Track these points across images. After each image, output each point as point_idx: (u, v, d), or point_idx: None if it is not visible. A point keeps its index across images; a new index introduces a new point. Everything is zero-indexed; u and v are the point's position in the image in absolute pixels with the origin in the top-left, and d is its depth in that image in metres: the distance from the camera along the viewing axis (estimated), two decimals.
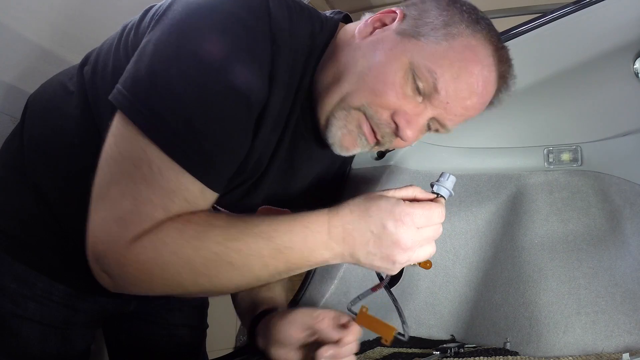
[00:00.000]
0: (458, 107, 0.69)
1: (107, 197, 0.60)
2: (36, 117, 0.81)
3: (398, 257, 0.61)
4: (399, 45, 0.68)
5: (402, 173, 1.08)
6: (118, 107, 0.61)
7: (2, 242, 0.80)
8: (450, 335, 1.16)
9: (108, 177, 0.61)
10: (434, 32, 0.68)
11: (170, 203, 0.60)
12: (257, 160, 0.71)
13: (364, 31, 0.72)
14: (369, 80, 0.68)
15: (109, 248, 0.59)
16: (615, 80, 1.06)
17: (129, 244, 0.58)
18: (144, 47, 0.63)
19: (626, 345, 0.97)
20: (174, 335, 1.06)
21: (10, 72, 1.03)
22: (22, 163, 0.79)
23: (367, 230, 0.61)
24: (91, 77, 0.76)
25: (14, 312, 0.80)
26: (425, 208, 0.62)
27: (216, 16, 0.62)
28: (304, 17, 0.71)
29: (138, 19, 0.73)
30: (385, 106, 0.68)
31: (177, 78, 0.59)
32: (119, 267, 0.60)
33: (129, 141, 0.60)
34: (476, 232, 1.18)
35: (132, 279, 0.60)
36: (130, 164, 0.60)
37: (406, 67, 0.67)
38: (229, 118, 0.62)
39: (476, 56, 0.68)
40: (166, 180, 0.60)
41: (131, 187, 0.59)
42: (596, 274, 1.06)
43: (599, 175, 1.12)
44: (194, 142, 0.60)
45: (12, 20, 1.00)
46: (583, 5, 0.96)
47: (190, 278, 0.60)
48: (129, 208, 0.59)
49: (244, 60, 0.61)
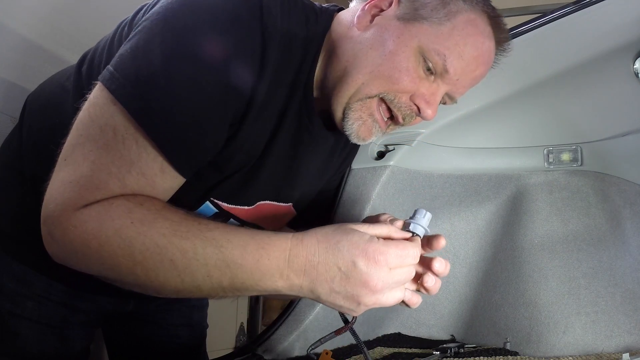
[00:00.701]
0: (467, 80, 0.73)
1: (69, 159, 0.60)
2: (34, 116, 0.81)
3: (364, 299, 0.57)
4: (405, 31, 0.70)
5: (402, 173, 1.08)
6: (100, 80, 0.62)
7: (0, 241, 0.80)
8: (450, 335, 1.16)
9: (74, 139, 0.61)
10: (435, 13, 0.69)
11: (126, 174, 0.58)
12: (248, 151, 0.70)
13: (363, 20, 0.72)
14: (383, 70, 0.69)
15: (58, 210, 0.57)
16: (615, 80, 1.06)
17: (76, 210, 0.56)
18: (134, 30, 0.64)
19: (626, 345, 0.97)
20: (174, 335, 1.05)
21: (10, 71, 1.03)
22: (21, 162, 0.79)
23: (334, 265, 0.56)
24: (87, 75, 0.76)
25: (12, 312, 0.79)
26: (399, 248, 0.58)
27: (207, 4, 0.62)
28: (298, 9, 0.71)
29: (131, 16, 0.74)
30: (403, 91, 0.70)
31: (157, 56, 0.60)
32: (62, 232, 0.57)
33: (101, 107, 0.60)
34: (476, 232, 1.18)
35: (71, 248, 0.57)
36: (97, 129, 0.60)
37: (416, 51, 0.69)
38: (203, 101, 0.61)
39: (477, 29, 0.71)
40: (127, 150, 0.59)
41: (93, 151, 0.59)
42: (596, 274, 1.06)
43: (599, 175, 1.12)
44: (162, 116, 0.59)
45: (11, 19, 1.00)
46: (583, 5, 0.95)
47: (126, 263, 0.56)
48: (86, 173, 0.58)
49: (228, 51, 0.61)
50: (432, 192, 1.10)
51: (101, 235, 0.56)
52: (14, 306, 0.79)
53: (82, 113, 0.62)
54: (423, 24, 0.70)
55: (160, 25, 0.62)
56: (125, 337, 1.04)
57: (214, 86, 0.61)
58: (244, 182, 0.75)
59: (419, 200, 1.09)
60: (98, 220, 0.56)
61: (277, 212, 0.84)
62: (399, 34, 0.70)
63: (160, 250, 0.56)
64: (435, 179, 1.09)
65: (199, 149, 0.63)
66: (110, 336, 1.06)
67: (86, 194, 0.57)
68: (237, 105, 0.64)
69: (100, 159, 0.58)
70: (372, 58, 0.70)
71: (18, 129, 0.83)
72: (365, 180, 1.01)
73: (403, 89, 0.70)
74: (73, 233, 0.56)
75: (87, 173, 0.58)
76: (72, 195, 0.57)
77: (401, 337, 1.14)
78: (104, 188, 0.58)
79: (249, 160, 0.72)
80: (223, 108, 0.63)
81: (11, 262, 0.79)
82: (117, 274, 0.58)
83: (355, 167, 1.07)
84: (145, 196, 0.60)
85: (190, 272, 0.56)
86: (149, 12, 0.66)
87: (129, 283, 0.60)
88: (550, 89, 1.07)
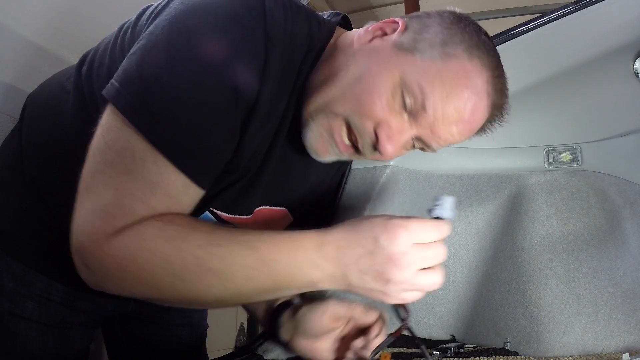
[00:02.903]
0: (443, 129, 0.67)
1: (91, 187, 0.60)
2: (34, 117, 0.82)
3: (392, 275, 0.57)
4: (393, 58, 0.67)
5: (402, 173, 1.08)
6: (108, 98, 0.61)
7: (0, 241, 0.80)
8: (450, 335, 1.16)
9: (93, 167, 0.60)
10: (430, 50, 0.66)
11: (151, 196, 0.59)
12: (251, 158, 0.70)
13: (363, 38, 0.71)
14: (357, 90, 0.66)
15: (89, 240, 0.58)
16: (615, 80, 1.06)
17: (108, 238, 0.57)
18: (138, 42, 0.63)
19: (626, 345, 0.97)
20: (174, 335, 1.06)
21: (10, 71, 1.03)
22: (21, 163, 0.79)
23: (357, 245, 0.58)
24: (87, 77, 0.76)
25: (12, 312, 0.80)
26: (420, 222, 0.58)
27: (211, 14, 0.61)
28: (301, 18, 0.70)
29: (134, 19, 0.74)
30: (370, 116, 0.66)
31: (166, 71, 0.59)
32: (97, 261, 0.58)
33: (115, 131, 0.60)
34: (476, 232, 1.18)
35: (109, 275, 0.59)
36: (115, 154, 0.59)
37: (396, 81, 0.65)
38: (216, 113, 0.61)
39: (469, 82, 0.66)
40: (148, 172, 0.59)
41: (114, 177, 0.59)
42: (596, 274, 1.06)
43: (599, 175, 1.12)
44: (178, 134, 0.59)
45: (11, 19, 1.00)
46: (583, 5, 0.96)
47: (167, 281, 0.58)
48: (110, 200, 0.58)
49: (234, 57, 0.61)
50: (432, 192, 1.10)
51: (138, 259, 0.57)
52: (13, 306, 0.80)
53: (96, 139, 0.61)
54: (415, 56, 0.66)
55: (165, 39, 0.61)
56: (125, 337, 1.04)
57: (224, 97, 0.61)
58: (244, 189, 0.75)
59: (419, 200, 1.08)
60: (132, 246, 0.57)
61: (274, 217, 0.84)
62: (386, 59, 0.66)
63: (199, 262, 0.57)
64: (435, 179, 1.09)
65: (217, 161, 0.64)
66: (110, 336, 1.07)
67: (114, 222, 0.58)
68: (245, 113, 0.64)
69: (122, 185, 0.58)
70: (351, 75, 0.67)
71: (18, 129, 0.83)
72: (365, 180, 1.01)
73: (370, 114, 0.65)
74: (109, 262, 0.58)
75: (111, 200, 0.58)
76: (101, 225, 0.58)
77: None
78: (131, 213, 0.58)
79: (253, 166, 0.71)
80: (234, 118, 0.63)
81: (11, 262, 0.79)
82: (159, 292, 0.59)
83: (355, 167, 1.07)
84: (172, 214, 0.61)
85: (231, 277, 0.58)
86: (153, 21, 0.65)
87: (170, 299, 0.62)
88: (550, 89, 1.08)
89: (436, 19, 0.70)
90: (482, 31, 0.70)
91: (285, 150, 0.75)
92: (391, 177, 1.07)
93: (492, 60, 0.69)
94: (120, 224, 0.58)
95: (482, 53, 0.68)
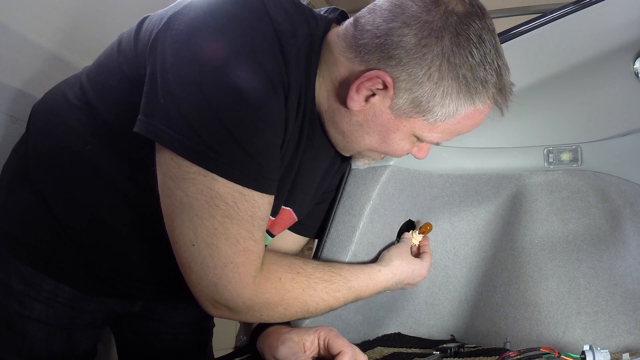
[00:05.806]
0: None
1: (202, 244, 0.63)
2: (39, 129, 0.83)
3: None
4: (400, 127, 0.72)
5: (402, 173, 1.08)
6: (161, 143, 0.61)
7: (9, 244, 0.81)
8: (450, 335, 1.16)
9: (188, 222, 0.62)
10: (432, 114, 0.69)
11: (255, 230, 0.65)
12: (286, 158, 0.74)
13: (357, 101, 0.70)
14: (380, 149, 0.76)
15: (233, 293, 0.66)
16: (615, 80, 1.06)
17: (249, 284, 0.67)
18: (164, 76, 0.62)
19: (626, 345, 0.97)
20: (180, 333, 1.06)
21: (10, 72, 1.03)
22: (27, 170, 0.81)
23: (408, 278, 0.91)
24: (90, 90, 0.76)
25: (20, 313, 0.81)
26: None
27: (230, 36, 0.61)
28: (301, 18, 0.70)
29: (135, 29, 0.73)
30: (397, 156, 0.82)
31: (217, 107, 0.60)
32: (246, 307, 0.69)
33: (192, 181, 0.61)
34: (476, 232, 1.18)
35: (257, 314, 0.72)
36: (205, 204, 0.61)
37: (411, 137, 0.74)
38: (269, 130, 0.64)
39: (474, 120, 0.72)
40: (243, 210, 0.63)
41: (219, 229, 0.62)
42: (596, 274, 1.06)
43: (599, 175, 1.12)
44: (251, 162, 0.62)
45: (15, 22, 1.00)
46: (583, 5, 0.96)
47: (301, 314, 0.76)
48: (228, 251, 0.64)
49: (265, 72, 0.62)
50: (432, 192, 1.10)
51: (283, 302, 0.72)
52: (22, 308, 0.81)
53: (173, 192, 0.62)
54: (418, 119, 0.70)
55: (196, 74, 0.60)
56: (133, 335, 1.05)
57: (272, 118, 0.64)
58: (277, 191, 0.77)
59: (419, 200, 1.09)
60: (278, 293, 0.71)
61: (287, 217, 0.87)
62: (394, 129, 0.72)
63: (326, 303, 0.77)
64: (435, 179, 1.09)
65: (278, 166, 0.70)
66: (118, 335, 1.08)
67: (245, 269, 0.66)
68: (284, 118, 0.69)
69: (230, 231, 0.63)
70: (368, 142, 0.75)
71: (25, 137, 0.85)
72: (365, 180, 1.01)
73: (397, 156, 0.84)
74: (260, 305, 0.70)
75: (229, 251, 0.64)
76: (237, 277, 0.65)
77: (401, 337, 1.14)
78: (250, 254, 0.66)
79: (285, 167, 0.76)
80: (282, 131, 0.68)
81: (19, 265, 0.81)
82: (291, 319, 0.79)
83: (355, 167, 1.07)
84: (291, 259, 0.77)
85: (336, 306, 0.80)
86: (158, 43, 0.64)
87: None
88: (550, 89, 1.07)
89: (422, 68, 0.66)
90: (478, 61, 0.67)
91: (294, 152, 0.76)
92: (391, 177, 1.06)
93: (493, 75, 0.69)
94: (251, 266, 0.67)
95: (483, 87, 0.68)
